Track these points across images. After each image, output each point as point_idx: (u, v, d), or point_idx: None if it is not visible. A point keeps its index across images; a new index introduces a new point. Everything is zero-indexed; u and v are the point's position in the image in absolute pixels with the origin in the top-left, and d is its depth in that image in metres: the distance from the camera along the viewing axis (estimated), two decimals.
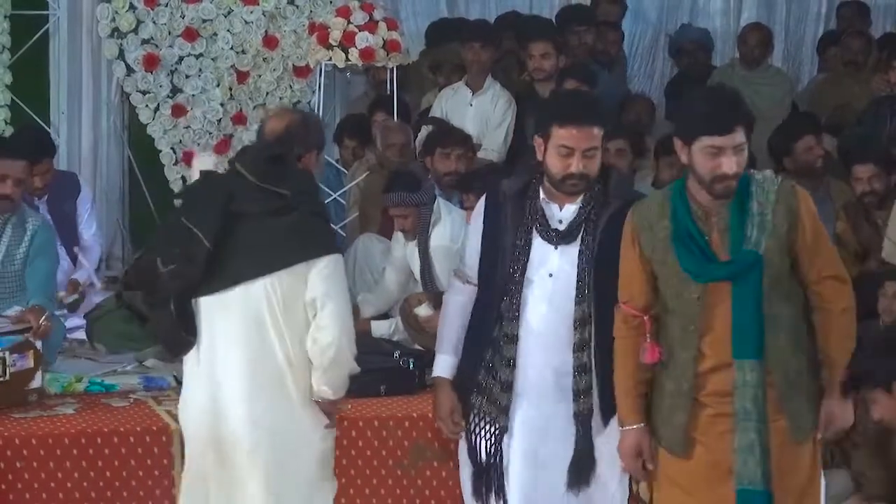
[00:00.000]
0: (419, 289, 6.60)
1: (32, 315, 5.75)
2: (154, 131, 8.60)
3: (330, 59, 7.94)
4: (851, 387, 4.49)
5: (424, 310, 6.36)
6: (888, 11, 10.76)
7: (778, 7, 10.87)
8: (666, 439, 4.43)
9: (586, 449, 4.69)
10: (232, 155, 7.72)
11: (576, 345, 4.65)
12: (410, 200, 6.57)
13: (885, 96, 8.26)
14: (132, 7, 8.44)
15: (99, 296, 7.01)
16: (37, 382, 5.74)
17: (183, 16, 8.50)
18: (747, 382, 4.28)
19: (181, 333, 4.72)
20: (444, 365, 4.85)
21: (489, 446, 4.74)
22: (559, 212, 4.70)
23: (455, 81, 8.30)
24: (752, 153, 4.78)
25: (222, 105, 8.59)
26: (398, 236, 6.77)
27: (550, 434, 4.70)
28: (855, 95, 8.77)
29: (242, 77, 8.60)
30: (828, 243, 4.44)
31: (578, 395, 4.67)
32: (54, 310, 6.14)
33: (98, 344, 6.49)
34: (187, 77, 8.55)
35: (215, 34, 8.53)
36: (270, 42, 8.57)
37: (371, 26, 7.90)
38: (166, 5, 8.47)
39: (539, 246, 4.69)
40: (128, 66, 8.51)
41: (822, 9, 10.84)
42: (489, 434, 4.74)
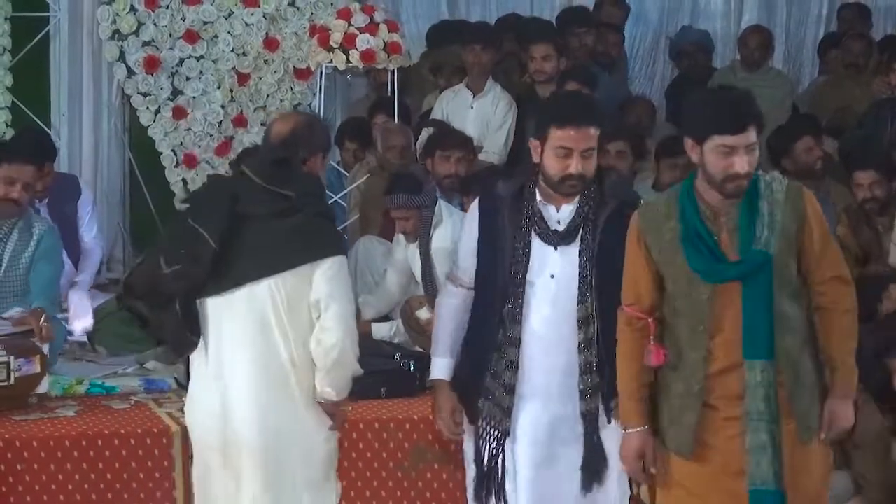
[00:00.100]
0: (420, 291, 6.60)
1: (33, 317, 5.75)
2: (155, 133, 8.59)
3: (331, 62, 7.94)
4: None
5: (425, 312, 6.35)
6: (889, 14, 10.77)
7: (779, 9, 10.87)
8: (674, 441, 4.40)
9: (597, 448, 4.69)
10: (233, 157, 7.82)
11: (581, 344, 4.65)
12: (412, 202, 6.57)
13: (886, 99, 8.26)
14: (133, 9, 8.43)
15: (100, 298, 7.01)
16: (43, 388, 5.73)
17: (184, 18, 8.49)
18: (759, 383, 4.26)
19: (186, 334, 4.73)
20: (442, 367, 4.85)
21: (492, 449, 4.74)
22: (557, 213, 4.70)
23: (456, 84, 8.29)
24: None
25: (223, 107, 8.59)
26: (399, 238, 6.76)
27: (558, 435, 4.71)
28: (856, 98, 8.76)
29: (243, 79, 8.59)
30: (833, 244, 4.44)
31: (586, 394, 4.67)
32: (56, 313, 6.14)
33: (99, 346, 6.50)
34: (188, 79, 8.54)
35: (216, 36, 8.53)
36: (271, 44, 8.56)
37: (372, 28, 7.89)
38: (167, 7, 8.46)
39: (539, 248, 4.69)
40: (128, 69, 8.50)
41: (823, 11, 10.84)
42: (493, 438, 4.73)
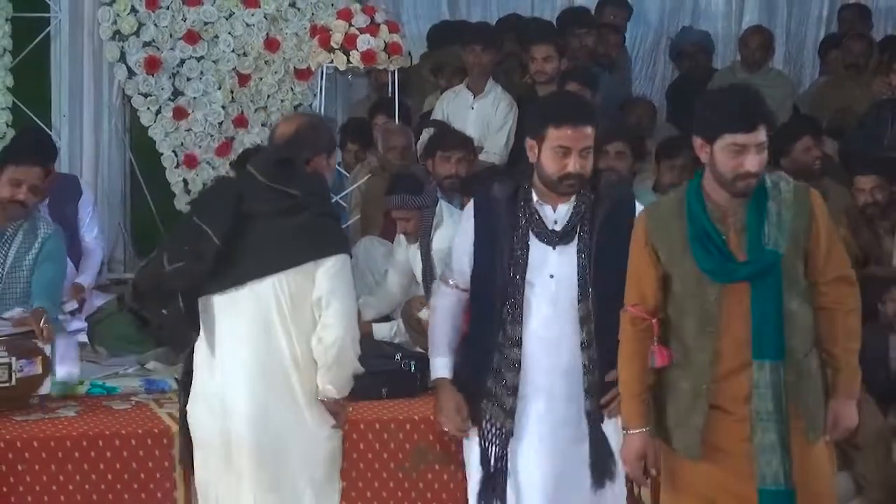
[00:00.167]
0: (421, 291, 6.59)
1: (34, 318, 5.75)
2: (155, 134, 8.59)
3: (331, 62, 7.94)
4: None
5: (426, 313, 6.35)
6: (889, 14, 10.77)
7: (779, 10, 10.87)
8: (681, 443, 4.38)
9: (604, 445, 4.69)
10: (233, 157, 7.82)
11: (584, 342, 4.66)
12: (413, 203, 6.56)
13: (887, 99, 8.26)
14: (133, 10, 8.43)
15: (100, 299, 7.01)
16: (45, 389, 5.72)
17: (184, 18, 8.49)
18: (768, 383, 4.24)
19: (187, 330, 4.75)
20: (442, 366, 4.85)
21: (497, 451, 4.73)
22: (553, 213, 4.71)
23: (456, 84, 8.29)
24: None
25: (224, 108, 8.59)
26: (400, 239, 6.76)
27: (562, 434, 4.71)
28: (856, 98, 8.77)
29: (244, 80, 8.59)
30: (839, 245, 4.44)
31: (590, 392, 4.68)
32: (58, 315, 6.14)
33: (99, 347, 6.49)
34: (188, 80, 8.54)
35: (217, 37, 8.53)
36: (272, 45, 8.56)
37: (372, 29, 7.89)
38: (168, 8, 8.46)
39: (537, 248, 4.69)
40: (129, 69, 8.49)
41: (824, 12, 10.84)
42: (497, 439, 4.73)
